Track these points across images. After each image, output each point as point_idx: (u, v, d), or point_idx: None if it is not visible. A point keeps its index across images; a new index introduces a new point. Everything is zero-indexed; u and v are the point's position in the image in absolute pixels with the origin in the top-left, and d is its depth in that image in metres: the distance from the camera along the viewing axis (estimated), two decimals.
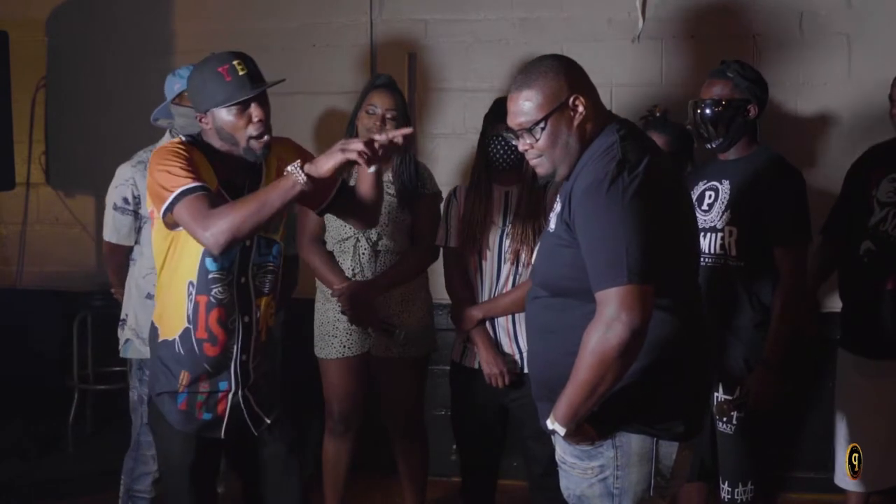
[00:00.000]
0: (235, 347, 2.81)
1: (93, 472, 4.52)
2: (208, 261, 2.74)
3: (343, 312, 3.65)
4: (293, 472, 2.96)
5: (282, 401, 3.01)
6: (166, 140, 3.55)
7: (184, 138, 2.79)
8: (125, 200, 3.53)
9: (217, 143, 2.77)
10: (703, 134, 3.39)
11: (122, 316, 3.67)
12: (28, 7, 4.98)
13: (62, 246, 5.05)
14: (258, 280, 2.83)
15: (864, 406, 3.56)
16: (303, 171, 2.56)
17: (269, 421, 2.91)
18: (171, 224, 2.70)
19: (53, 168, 5.09)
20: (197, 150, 2.74)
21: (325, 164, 2.58)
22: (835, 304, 3.74)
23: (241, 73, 2.70)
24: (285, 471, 2.95)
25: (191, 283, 2.75)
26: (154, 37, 4.87)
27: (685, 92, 4.11)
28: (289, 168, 2.58)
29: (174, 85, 3.51)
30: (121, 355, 3.70)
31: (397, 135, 2.64)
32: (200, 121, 2.77)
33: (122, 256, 3.63)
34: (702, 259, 3.29)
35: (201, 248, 2.70)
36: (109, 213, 3.58)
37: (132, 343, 3.61)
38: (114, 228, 3.58)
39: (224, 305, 2.77)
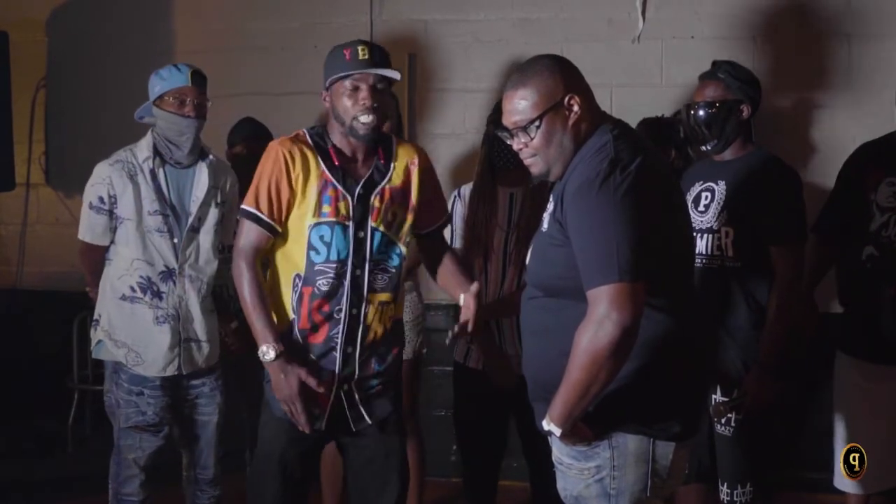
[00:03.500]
0: (340, 338, 2.85)
1: (93, 472, 4.47)
2: (312, 253, 2.83)
3: None
4: (390, 475, 2.97)
5: (394, 405, 3.02)
6: (147, 139, 3.50)
7: (304, 130, 2.93)
8: (101, 199, 3.44)
9: (336, 128, 2.89)
10: (698, 136, 3.38)
11: (95, 316, 3.59)
12: (28, 7, 4.99)
13: (62, 246, 5.05)
14: (373, 276, 2.87)
15: (862, 409, 3.54)
16: (271, 357, 2.80)
17: (369, 421, 2.93)
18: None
19: (53, 168, 5.10)
20: (304, 146, 2.86)
21: (277, 388, 2.83)
22: (834, 304, 3.73)
23: (361, 56, 2.82)
24: (380, 473, 2.97)
25: (297, 275, 2.86)
26: (154, 37, 4.87)
27: (685, 92, 4.11)
28: (268, 349, 2.80)
29: (156, 86, 3.47)
30: (92, 356, 3.66)
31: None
32: (325, 100, 2.90)
33: (97, 256, 3.55)
34: (698, 260, 3.28)
35: (304, 242, 2.83)
36: (85, 212, 3.50)
37: (104, 344, 3.53)
38: (89, 227, 3.50)
39: (328, 296, 2.83)
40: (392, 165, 2.93)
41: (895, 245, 3.39)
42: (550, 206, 2.44)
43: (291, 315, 2.87)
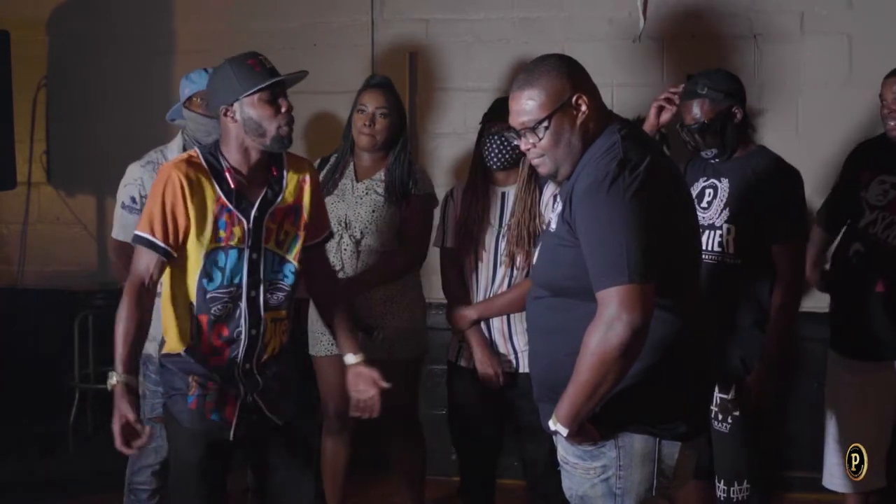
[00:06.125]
0: (239, 357, 2.86)
1: (93, 472, 4.52)
2: (205, 281, 2.81)
3: None
4: (302, 474, 3.02)
5: (295, 404, 3.04)
6: (178, 141, 3.61)
7: (197, 151, 2.85)
8: (133, 199, 3.55)
9: (235, 146, 2.81)
10: (697, 146, 3.34)
11: None
12: (29, 6, 4.99)
13: (63, 245, 5.06)
14: (268, 294, 2.88)
15: (852, 407, 3.55)
16: (116, 383, 2.72)
17: (279, 424, 2.95)
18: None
19: (54, 167, 5.10)
20: (198, 171, 2.79)
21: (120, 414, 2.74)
22: (822, 303, 3.74)
23: (267, 66, 2.82)
24: (294, 474, 3.00)
25: (191, 304, 2.82)
26: (154, 37, 4.88)
27: None
28: (112, 375, 2.73)
29: (185, 88, 3.55)
30: None
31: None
32: (225, 114, 2.79)
33: (130, 253, 3.63)
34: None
35: (197, 271, 2.79)
36: (118, 212, 3.61)
37: None
38: (122, 227, 3.59)
39: (224, 320, 2.84)
40: (284, 181, 2.89)
41: (881, 242, 3.43)
42: (559, 207, 2.44)
43: (190, 341, 2.84)
